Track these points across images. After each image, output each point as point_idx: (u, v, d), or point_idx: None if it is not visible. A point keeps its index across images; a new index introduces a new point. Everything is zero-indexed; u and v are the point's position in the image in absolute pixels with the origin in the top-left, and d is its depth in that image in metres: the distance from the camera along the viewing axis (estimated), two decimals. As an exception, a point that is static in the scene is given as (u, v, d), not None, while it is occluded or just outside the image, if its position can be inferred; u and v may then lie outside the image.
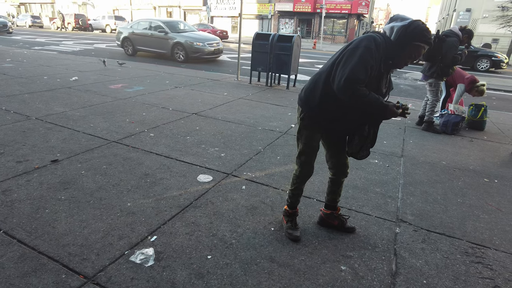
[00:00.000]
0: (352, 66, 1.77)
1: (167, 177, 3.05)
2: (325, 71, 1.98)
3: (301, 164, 2.21)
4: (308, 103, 2.07)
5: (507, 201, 3.06)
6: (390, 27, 1.87)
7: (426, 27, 1.81)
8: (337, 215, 2.42)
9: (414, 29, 1.79)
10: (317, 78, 2.04)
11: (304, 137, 2.15)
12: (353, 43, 1.85)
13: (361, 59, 1.77)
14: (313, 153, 2.18)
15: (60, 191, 2.70)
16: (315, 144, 2.16)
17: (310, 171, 2.22)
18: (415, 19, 1.83)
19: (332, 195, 2.39)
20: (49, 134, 3.93)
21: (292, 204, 2.34)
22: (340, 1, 32.18)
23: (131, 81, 7.57)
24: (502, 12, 22.34)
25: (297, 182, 2.27)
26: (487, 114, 5.47)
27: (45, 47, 15.31)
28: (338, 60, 1.87)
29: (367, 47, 1.78)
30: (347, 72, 1.77)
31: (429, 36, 1.81)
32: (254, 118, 5.15)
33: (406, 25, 1.80)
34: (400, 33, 1.81)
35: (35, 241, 2.09)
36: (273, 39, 7.46)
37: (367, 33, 1.91)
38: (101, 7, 44.31)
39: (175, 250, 2.10)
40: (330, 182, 2.37)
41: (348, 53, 1.83)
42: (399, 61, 1.88)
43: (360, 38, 1.86)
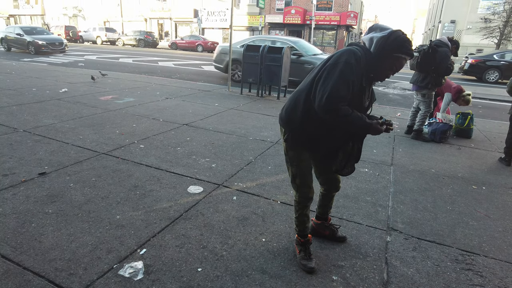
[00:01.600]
0: (333, 84, 1.68)
1: (157, 189, 3.02)
2: (305, 88, 1.88)
3: (298, 188, 2.09)
4: (289, 123, 1.97)
5: (495, 208, 3.10)
6: (369, 38, 1.80)
7: (406, 37, 1.73)
8: (328, 224, 2.40)
9: (394, 40, 1.71)
10: (297, 96, 1.93)
11: (292, 159, 2.05)
12: (332, 58, 1.76)
13: (341, 75, 1.69)
14: (306, 174, 2.07)
15: (48, 205, 2.64)
16: (306, 163, 2.06)
17: (310, 193, 2.09)
18: (394, 29, 1.75)
19: (323, 208, 2.36)
20: (37, 146, 3.87)
21: (301, 233, 2.18)
22: (329, 13, 32.79)
23: (121, 93, 7.54)
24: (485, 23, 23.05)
25: (299, 208, 2.13)
26: (473, 122, 5.58)
27: (35, 58, 15.19)
28: (318, 76, 1.78)
29: (347, 62, 1.70)
30: (328, 90, 1.68)
31: (410, 47, 1.74)
32: (245, 128, 5.16)
33: (385, 36, 1.72)
34: (379, 44, 1.74)
35: (20, 256, 2.04)
36: (263, 50, 7.55)
37: (347, 46, 1.85)
38: (92, 19, 44.33)
39: (164, 263, 2.07)
40: (321, 196, 2.32)
41: (327, 69, 1.74)
42: (380, 73, 1.82)
43: (339, 52, 1.78)
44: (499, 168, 4.22)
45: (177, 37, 38.05)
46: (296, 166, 2.05)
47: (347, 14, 32.04)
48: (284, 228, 2.53)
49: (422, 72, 4.95)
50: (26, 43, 17.48)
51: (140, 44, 29.85)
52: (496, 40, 22.31)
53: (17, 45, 18.15)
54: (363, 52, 1.77)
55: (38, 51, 17.19)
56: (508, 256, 2.38)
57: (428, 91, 5.04)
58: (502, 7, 22.17)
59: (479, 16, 26.47)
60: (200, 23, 34.26)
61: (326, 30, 34.20)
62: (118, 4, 42.94)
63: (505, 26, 21.68)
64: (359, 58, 1.73)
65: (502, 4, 22.48)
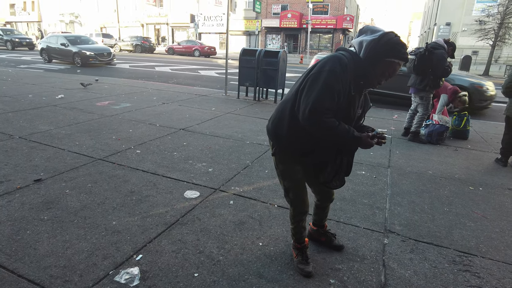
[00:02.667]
0: (316, 95, 1.57)
1: (153, 194, 3.00)
2: (290, 99, 1.77)
3: (291, 202, 2.03)
4: (276, 135, 1.87)
5: (492, 209, 3.10)
6: (358, 42, 1.66)
7: (399, 40, 1.58)
8: (324, 231, 2.36)
9: (385, 43, 1.56)
10: (283, 107, 1.82)
11: (283, 172, 1.97)
12: (316, 67, 1.65)
13: (325, 85, 1.57)
14: (300, 187, 1.98)
15: (43, 211, 2.63)
16: (297, 176, 1.96)
17: (304, 207, 2.01)
18: (386, 31, 1.59)
19: (318, 217, 2.32)
20: (32, 153, 3.85)
21: (298, 240, 2.15)
22: (326, 17, 33.01)
23: (118, 98, 7.53)
24: (479, 25, 23.22)
25: (295, 221, 2.07)
26: (470, 123, 5.60)
27: (31, 65, 15.19)
28: (302, 86, 1.67)
29: (331, 70, 1.58)
30: (310, 102, 1.57)
31: (404, 51, 1.58)
32: (242, 132, 5.16)
33: (376, 39, 1.57)
34: (369, 48, 1.59)
35: (14, 264, 2.02)
36: (259, 54, 7.58)
37: (334, 52, 1.73)
38: (89, 25, 44.44)
39: (161, 269, 2.05)
40: (315, 206, 2.28)
41: (311, 78, 1.63)
42: (371, 80, 1.67)
43: (323, 60, 1.65)
44: (495, 169, 4.23)
45: (174, 42, 38.15)
46: (289, 180, 1.97)
47: (343, 17, 32.27)
48: (281, 232, 2.52)
49: (419, 74, 4.96)
50: (71, 54, 15.48)
51: (137, 50, 29.90)
52: (491, 41, 22.47)
53: (60, 56, 16.12)
54: (351, 57, 1.65)
55: (85, 63, 15.24)
56: (505, 256, 2.37)
57: (426, 93, 5.05)
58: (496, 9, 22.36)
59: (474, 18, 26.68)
60: (196, 28, 34.36)
61: (322, 34, 34.41)
62: (115, 10, 43.08)
63: (500, 28, 21.85)
64: (346, 65, 1.60)
65: (496, 6, 22.67)
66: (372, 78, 1.66)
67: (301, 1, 33.42)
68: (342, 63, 1.60)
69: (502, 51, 27.56)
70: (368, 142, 1.69)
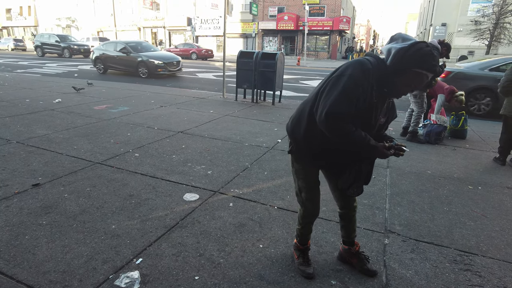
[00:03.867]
0: (334, 99, 1.55)
1: (153, 197, 2.99)
2: (310, 100, 1.76)
3: (303, 202, 1.99)
4: (294, 135, 1.86)
5: (491, 207, 3.11)
6: (387, 49, 1.60)
7: (430, 51, 1.49)
8: (356, 252, 2.14)
9: (414, 53, 1.49)
10: (303, 108, 1.82)
11: (298, 172, 1.95)
12: (339, 70, 1.63)
13: (344, 89, 1.54)
14: (313, 189, 1.95)
15: (42, 216, 2.61)
16: (312, 178, 1.94)
17: (315, 209, 1.99)
18: (418, 41, 1.53)
19: (346, 230, 2.14)
20: (30, 157, 3.83)
21: (302, 241, 2.13)
22: (322, 19, 33.11)
23: (116, 102, 7.52)
24: (475, 26, 23.38)
25: (303, 222, 2.05)
26: (467, 122, 5.62)
27: (28, 70, 15.15)
28: (322, 89, 1.66)
29: (352, 75, 1.55)
30: (328, 105, 1.56)
31: (434, 63, 1.50)
32: (240, 134, 5.16)
33: (405, 47, 1.51)
34: (397, 57, 1.53)
35: (13, 269, 2.00)
36: (257, 56, 7.59)
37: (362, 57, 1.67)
38: (85, 29, 44.38)
39: (161, 272, 2.04)
40: (339, 216, 2.14)
41: (331, 82, 1.61)
42: (395, 89, 1.61)
43: (346, 64, 1.63)
44: (494, 168, 4.24)
45: (171, 45, 38.18)
46: (302, 180, 1.95)
47: (340, 19, 32.38)
48: (282, 233, 2.52)
49: None
50: (135, 63, 13.24)
51: (134, 53, 29.85)
52: (486, 41, 22.62)
53: (121, 66, 13.76)
54: (377, 64, 1.59)
55: (152, 73, 13.01)
56: (506, 255, 2.37)
57: (419, 92, 5.12)
58: (491, 9, 22.53)
59: (469, 19, 26.88)
60: (193, 31, 34.41)
61: (319, 36, 34.51)
62: (111, 14, 43.08)
63: (495, 28, 22.01)
64: (368, 71, 1.56)
65: (491, 7, 22.85)
66: (396, 87, 1.60)
67: (298, 3, 33.54)
68: (364, 68, 1.57)
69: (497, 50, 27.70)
70: (383, 152, 1.66)
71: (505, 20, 21.85)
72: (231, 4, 35.07)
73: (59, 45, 24.25)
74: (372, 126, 1.71)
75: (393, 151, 1.67)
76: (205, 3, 34.26)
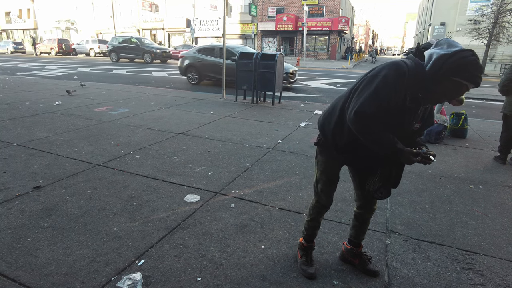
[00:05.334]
0: (365, 98, 1.55)
1: (154, 199, 2.99)
2: (344, 95, 1.76)
3: (318, 193, 2.02)
4: (324, 127, 1.87)
5: (492, 206, 3.11)
6: (429, 54, 1.54)
7: (475, 61, 1.42)
8: (359, 253, 2.16)
9: (456, 61, 1.42)
10: (336, 103, 1.82)
11: (320, 164, 1.97)
12: (374, 70, 1.61)
13: (375, 90, 1.53)
14: (330, 183, 1.97)
15: (43, 218, 2.61)
16: (332, 172, 1.95)
17: (328, 202, 2.02)
18: (464, 49, 1.45)
19: (355, 232, 2.14)
20: (31, 160, 3.83)
21: (308, 237, 2.14)
22: (321, 19, 33.13)
23: (116, 104, 7.52)
24: (474, 25, 23.40)
25: (313, 213, 2.07)
26: (467, 122, 5.62)
27: (28, 72, 15.16)
28: (356, 87, 1.67)
29: (386, 76, 1.53)
30: (358, 104, 1.56)
31: (477, 74, 1.43)
32: (241, 135, 5.16)
33: (448, 54, 1.45)
34: (437, 63, 1.47)
35: (15, 272, 2.00)
36: (256, 57, 7.60)
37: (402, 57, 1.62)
38: (85, 31, 44.40)
39: (163, 274, 2.04)
40: (354, 216, 2.13)
41: (366, 81, 1.61)
42: (432, 96, 1.57)
43: (382, 65, 1.61)
44: (494, 167, 4.24)
45: (171, 47, 38.19)
46: (322, 172, 1.97)
47: (339, 19, 32.40)
48: (283, 234, 2.52)
49: None
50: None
51: (134, 55, 29.83)
52: (485, 41, 22.63)
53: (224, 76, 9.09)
54: (414, 67, 1.55)
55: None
56: (507, 254, 2.38)
57: None
58: (490, 8, 22.55)
59: (468, 18, 26.89)
60: (193, 32, 34.41)
61: (318, 36, 34.51)
62: (111, 16, 43.09)
63: (494, 27, 22.02)
64: (404, 74, 1.52)
65: (489, 6, 22.87)
66: (432, 94, 1.55)
67: (297, 4, 33.56)
68: (399, 71, 1.53)
69: (496, 50, 27.73)
70: (409, 158, 1.59)
71: (504, 19, 21.86)
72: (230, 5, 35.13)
73: (140, 49, 21.71)
74: (405, 131, 1.68)
75: (420, 158, 1.60)
76: (204, 5, 34.27)
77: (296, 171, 3.77)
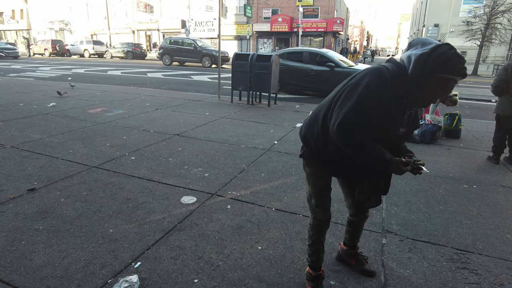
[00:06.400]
0: (348, 109, 1.46)
1: (150, 201, 2.98)
2: (325, 105, 1.67)
3: (313, 209, 1.88)
4: (306, 139, 1.80)
5: (486, 206, 3.14)
6: (407, 57, 1.48)
7: (455, 53, 1.37)
8: (355, 253, 2.16)
9: (437, 58, 1.37)
10: (317, 112, 1.73)
11: (309, 177, 1.87)
12: (355, 78, 1.53)
13: (358, 100, 1.45)
14: (323, 195, 1.85)
15: (38, 221, 2.59)
16: (323, 183, 1.83)
17: (326, 216, 1.85)
18: (440, 44, 1.40)
19: (350, 235, 2.13)
20: (25, 162, 3.80)
21: (314, 264, 1.95)
22: (316, 20, 33.27)
23: (111, 105, 7.48)
24: (467, 26, 23.64)
25: (314, 234, 1.90)
26: (461, 122, 5.68)
27: (21, 73, 15.02)
28: (337, 96, 1.58)
29: (368, 85, 1.44)
30: (341, 116, 1.46)
31: (461, 65, 1.37)
32: (237, 136, 5.16)
33: (426, 52, 1.39)
34: (418, 64, 1.41)
35: (10, 275, 1.98)
36: (252, 58, 7.60)
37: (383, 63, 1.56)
38: (79, 32, 44.11)
39: (160, 276, 2.03)
40: (348, 222, 2.10)
41: (347, 90, 1.52)
42: (419, 99, 1.49)
43: (364, 72, 1.53)
44: (488, 167, 4.29)
45: (166, 48, 38.02)
46: (312, 185, 1.86)
47: (333, 20, 32.55)
48: (280, 235, 2.52)
49: None
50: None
51: (129, 56, 29.75)
52: (478, 42, 22.88)
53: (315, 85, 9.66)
54: (397, 72, 1.48)
55: None
56: (501, 253, 2.40)
57: None
58: (483, 10, 22.81)
59: (461, 19, 27.17)
60: (188, 33, 34.35)
61: (313, 37, 34.65)
62: (105, 17, 42.87)
63: (486, 28, 22.28)
64: (386, 80, 1.45)
65: (482, 8, 23.13)
66: (418, 97, 1.48)
67: (292, 5, 33.67)
68: (382, 78, 1.46)
69: (489, 51, 28.05)
70: (399, 168, 1.52)
71: (496, 20, 22.13)
72: (225, 7, 35.14)
73: (197, 51, 19.92)
74: (391, 137, 1.62)
75: (410, 167, 1.53)
76: (199, 6, 34.26)
77: (292, 172, 3.78)
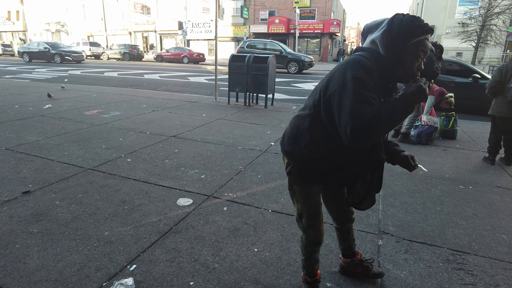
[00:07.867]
0: (350, 110, 1.30)
1: (146, 203, 2.97)
2: (308, 114, 1.53)
3: (304, 229, 1.77)
4: (293, 154, 1.62)
5: (482, 206, 3.15)
6: (370, 43, 1.45)
7: (410, 16, 1.37)
8: (359, 261, 2.06)
9: (400, 28, 1.35)
10: (298, 123, 1.58)
11: (298, 195, 1.71)
12: (335, 79, 1.40)
13: (355, 95, 1.31)
14: (315, 213, 1.72)
15: (32, 224, 2.56)
16: (314, 200, 1.71)
17: (319, 236, 1.75)
18: (392, 16, 1.40)
19: (345, 244, 2.04)
20: (20, 164, 3.77)
21: (310, 273, 1.91)
22: (313, 22, 33.37)
23: (107, 107, 7.46)
24: (462, 28, 23.81)
25: (307, 253, 1.82)
26: (457, 123, 5.70)
27: (17, 75, 14.94)
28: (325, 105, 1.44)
29: (355, 77, 1.32)
30: (349, 121, 1.29)
31: (423, 23, 1.36)
32: (233, 138, 5.16)
33: (387, 29, 1.37)
34: (388, 41, 1.37)
35: (3, 279, 1.96)
36: (248, 60, 7.61)
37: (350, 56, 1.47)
38: (76, 33, 43.99)
39: (155, 279, 2.02)
40: (337, 231, 2.01)
41: (336, 96, 1.37)
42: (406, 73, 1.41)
43: (341, 68, 1.40)
44: (484, 167, 4.30)
45: (163, 49, 38.05)
46: (303, 204, 1.72)
47: (330, 22, 32.66)
48: (276, 236, 2.51)
49: None
50: None
51: (125, 58, 29.72)
52: (474, 43, 23.04)
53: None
54: (374, 58, 1.40)
55: None
56: (497, 253, 2.41)
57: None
58: (478, 12, 22.99)
59: (457, 21, 27.36)
60: (185, 35, 34.37)
61: (310, 38, 34.74)
62: (102, 18, 42.79)
63: (482, 30, 22.45)
64: (369, 68, 1.36)
65: (477, 9, 23.31)
66: (406, 71, 1.40)
67: (288, 6, 33.76)
68: (365, 67, 1.35)
69: (485, 52, 28.26)
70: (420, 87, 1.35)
71: (491, 22, 22.31)
72: (222, 8, 35.17)
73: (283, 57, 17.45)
74: None
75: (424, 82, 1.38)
76: (196, 7, 34.25)
77: (289, 173, 3.77)
